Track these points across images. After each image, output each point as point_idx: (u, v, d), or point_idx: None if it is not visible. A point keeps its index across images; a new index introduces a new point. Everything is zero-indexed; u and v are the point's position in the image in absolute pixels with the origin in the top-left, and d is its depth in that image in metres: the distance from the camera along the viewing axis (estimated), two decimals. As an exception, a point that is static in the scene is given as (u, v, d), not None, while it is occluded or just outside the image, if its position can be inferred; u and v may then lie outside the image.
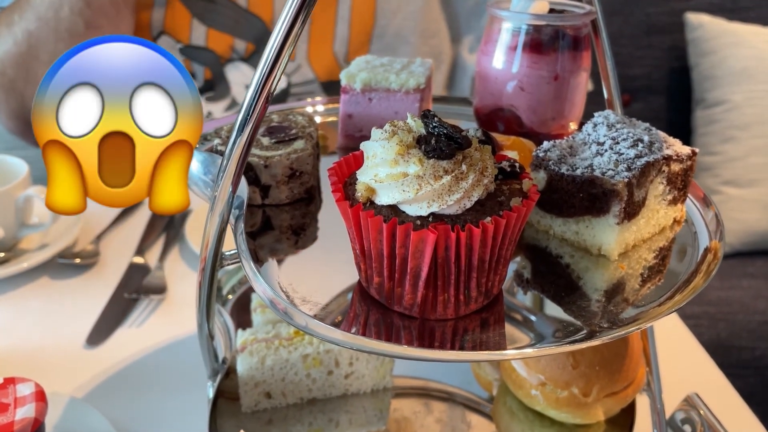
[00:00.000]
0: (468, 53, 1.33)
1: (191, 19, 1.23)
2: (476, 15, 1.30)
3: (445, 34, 1.31)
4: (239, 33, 1.24)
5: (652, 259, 0.53)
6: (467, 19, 1.31)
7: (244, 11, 1.23)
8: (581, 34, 0.64)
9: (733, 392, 0.82)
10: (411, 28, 1.26)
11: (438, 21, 1.29)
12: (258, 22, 1.24)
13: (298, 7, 0.42)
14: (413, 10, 1.25)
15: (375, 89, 0.65)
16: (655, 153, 0.51)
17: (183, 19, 1.23)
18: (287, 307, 0.44)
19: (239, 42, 1.24)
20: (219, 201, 0.47)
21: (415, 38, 1.26)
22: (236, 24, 1.23)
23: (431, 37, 1.28)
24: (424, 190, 0.40)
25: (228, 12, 1.22)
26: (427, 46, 1.28)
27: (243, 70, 1.28)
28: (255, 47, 1.26)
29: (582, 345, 0.45)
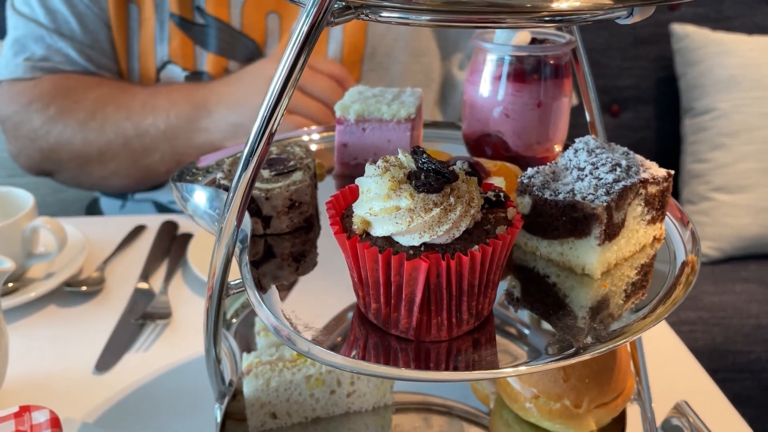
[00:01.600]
0: (458, 71, 1.36)
1: (194, 46, 1.27)
2: (465, 34, 1.33)
3: (435, 52, 1.34)
4: (233, 55, 1.27)
5: (634, 276, 0.56)
6: (456, 38, 1.34)
7: (238, 33, 1.26)
8: (562, 62, 0.67)
9: (722, 398, 0.85)
10: (401, 48, 1.29)
11: (428, 40, 1.32)
12: (250, 44, 1.27)
13: (300, 46, 0.45)
14: (402, 30, 1.29)
15: (368, 120, 0.69)
16: (632, 177, 0.54)
17: (186, 47, 1.26)
18: (291, 334, 0.47)
19: (233, 63, 1.27)
20: (224, 234, 0.50)
21: (405, 57, 1.30)
22: (230, 46, 1.26)
23: (422, 56, 1.32)
24: (416, 222, 0.43)
25: (222, 35, 1.26)
26: (417, 65, 1.31)
27: None
28: None
29: (570, 361, 0.48)
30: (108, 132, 1.17)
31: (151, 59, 1.27)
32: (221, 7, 1.25)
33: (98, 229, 1.15)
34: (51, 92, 1.22)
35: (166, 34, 1.25)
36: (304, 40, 0.44)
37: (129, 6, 1.25)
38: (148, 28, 1.25)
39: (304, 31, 0.43)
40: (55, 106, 1.20)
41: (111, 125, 1.17)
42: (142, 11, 1.25)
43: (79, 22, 1.23)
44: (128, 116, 1.18)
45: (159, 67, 1.27)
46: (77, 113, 1.19)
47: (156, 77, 1.28)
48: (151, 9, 1.24)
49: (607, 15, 0.47)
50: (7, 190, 1.05)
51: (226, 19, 1.25)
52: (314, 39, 0.44)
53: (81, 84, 1.23)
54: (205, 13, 1.25)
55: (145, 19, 1.25)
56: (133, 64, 1.28)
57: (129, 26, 1.26)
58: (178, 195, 0.64)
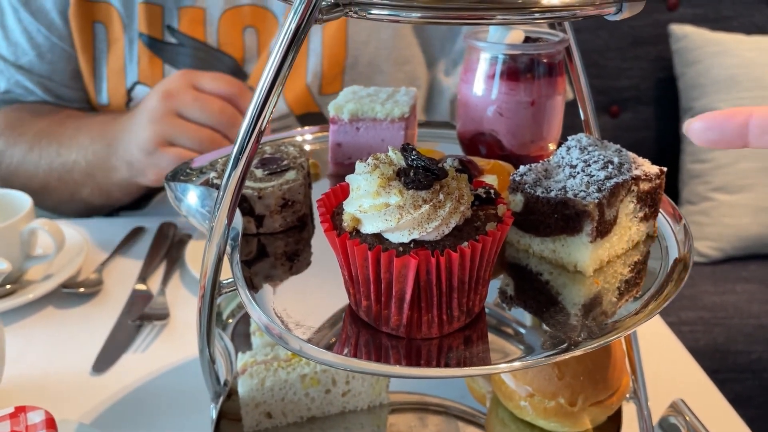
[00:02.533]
0: (444, 76, 1.33)
1: (163, 65, 1.25)
2: (450, 39, 1.31)
3: (420, 59, 1.32)
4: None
5: (627, 273, 0.56)
6: (441, 43, 1.32)
7: (215, 50, 1.24)
8: (555, 61, 0.67)
9: (719, 397, 0.85)
10: (384, 57, 1.27)
11: (412, 47, 1.30)
12: (229, 60, 1.25)
13: (288, 44, 0.45)
14: (385, 38, 1.26)
15: (362, 119, 0.69)
16: (624, 174, 0.54)
17: (156, 67, 1.24)
18: (282, 332, 0.47)
19: None
20: (215, 233, 0.50)
21: (388, 66, 1.27)
22: (207, 65, 1.24)
23: (405, 64, 1.29)
24: (405, 219, 0.43)
25: (198, 54, 1.24)
26: (401, 73, 1.29)
27: None
28: None
29: (563, 356, 0.48)
30: (44, 165, 1.16)
31: (121, 80, 1.25)
32: (196, 25, 1.22)
33: (96, 231, 1.15)
34: (2, 124, 1.23)
35: (135, 54, 1.23)
36: (292, 38, 0.44)
37: (95, 26, 1.23)
38: (117, 48, 1.24)
39: (291, 28, 0.43)
40: (4, 137, 1.21)
41: (45, 159, 1.17)
42: (109, 32, 1.23)
43: (37, 54, 1.23)
44: (58, 151, 1.17)
45: (129, 88, 1.26)
46: (21, 145, 1.19)
47: (127, 98, 1.26)
48: (120, 29, 1.23)
49: (596, 11, 0.47)
50: (4, 192, 1.05)
51: (202, 37, 1.23)
52: (302, 36, 0.44)
53: (29, 115, 1.23)
54: (177, 32, 1.23)
55: (114, 39, 1.24)
56: (101, 86, 1.26)
57: (96, 47, 1.24)
58: (172, 195, 0.64)
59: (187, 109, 1.03)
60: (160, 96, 1.04)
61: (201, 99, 1.02)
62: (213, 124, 1.02)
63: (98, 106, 1.29)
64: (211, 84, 1.04)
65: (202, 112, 1.02)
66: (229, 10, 1.22)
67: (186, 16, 1.22)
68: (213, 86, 1.04)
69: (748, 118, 0.45)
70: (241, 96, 1.04)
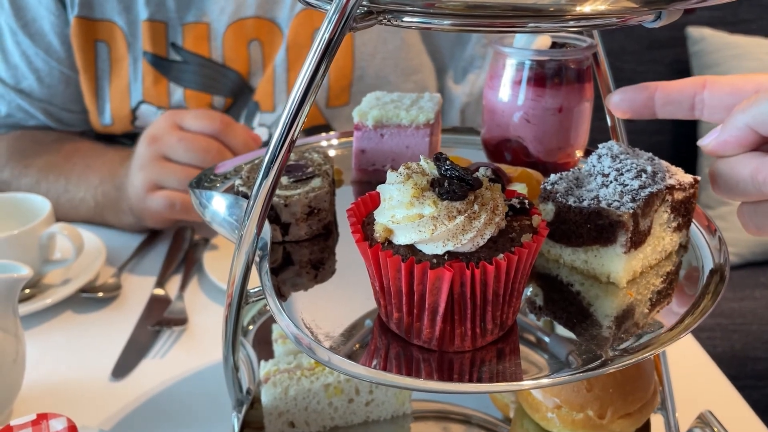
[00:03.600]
0: (453, 84, 1.32)
1: (168, 84, 1.24)
2: (459, 46, 1.30)
3: (429, 68, 1.31)
4: (216, 89, 1.25)
5: (660, 284, 0.55)
6: (450, 51, 1.31)
7: (220, 66, 1.23)
8: (583, 67, 0.66)
9: (746, 407, 0.83)
10: (391, 67, 1.26)
11: (420, 56, 1.29)
12: (234, 75, 1.24)
13: (322, 53, 0.44)
14: (392, 49, 1.25)
15: (386, 125, 0.68)
16: (658, 183, 0.53)
17: (160, 85, 1.24)
18: (311, 343, 0.46)
19: (217, 98, 1.25)
20: (245, 242, 0.50)
21: (396, 77, 1.26)
22: (213, 81, 1.24)
23: (413, 74, 1.28)
24: (439, 230, 0.42)
25: (204, 70, 1.23)
26: (410, 83, 1.28)
27: None
28: (233, 100, 1.27)
29: (596, 373, 0.47)
30: (51, 199, 1.15)
31: (125, 100, 1.25)
32: (201, 41, 1.22)
33: (114, 235, 1.15)
34: (7, 154, 1.23)
35: (139, 73, 1.23)
36: (326, 47, 0.43)
37: (97, 45, 1.23)
38: (121, 67, 1.23)
39: (325, 38, 0.43)
40: (9, 168, 1.21)
41: (52, 193, 1.17)
42: (112, 50, 1.23)
43: (36, 78, 1.23)
44: (66, 187, 1.17)
45: (134, 107, 1.25)
46: (27, 177, 1.19)
47: (132, 117, 1.26)
48: (124, 48, 1.22)
49: (633, 19, 0.46)
50: (24, 196, 1.05)
51: (207, 53, 1.22)
52: (336, 45, 0.43)
53: (33, 146, 1.23)
54: (181, 50, 1.22)
55: (118, 58, 1.23)
56: (104, 106, 1.26)
57: (98, 66, 1.24)
58: (197, 201, 0.64)
59: (172, 151, 1.03)
60: (147, 141, 1.05)
61: (185, 139, 1.02)
62: (199, 163, 1.02)
63: (101, 127, 1.28)
64: (195, 123, 1.04)
65: (186, 153, 1.02)
66: (234, 23, 1.21)
67: (190, 32, 1.21)
68: (196, 125, 1.03)
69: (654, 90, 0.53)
70: (226, 130, 1.03)
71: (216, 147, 1.02)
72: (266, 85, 1.24)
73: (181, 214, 1.07)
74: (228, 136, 1.03)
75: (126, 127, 1.28)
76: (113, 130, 1.28)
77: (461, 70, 1.31)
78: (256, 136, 1.08)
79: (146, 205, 1.07)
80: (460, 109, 1.32)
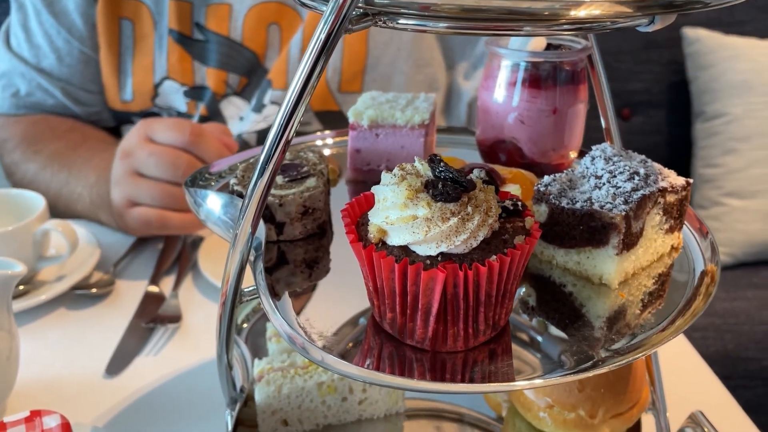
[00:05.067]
0: (463, 80, 1.34)
1: (192, 62, 1.26)
2: (470, 42, 1.32)
3: (440, 62, 1.32)
4: (232, 68, 1.27)
5: (651, 286, 0.55)
6: (461, 47, 1.33)
7: (238, 45, 1.25)
8: (578, 69, 0.67)
9: (736, 408, 0.84)
10: (404, 58, 1.28)
11: (432, 49, 1.31)
12: (250, 55, 1.26)
13: (318, 53, 0.44)
14: (406, 40, 1.27)
15: (381, 125, 0.68)
16: (650, 186, 0.53)
17: (185, 62, 1.26)
18: (305, 343, 0.47)
19: (232, 76, 1.27)
20: (239, 241, 0.50)
21: (408, 67, 1.28)
22: (230, 59, 1.26)
23: (425, 66, 1.30)
24: (433, 231, 0.43)
25: (222, 49, 1.25)
26: (421, 75, 1.29)
27: (236, 103, 1.30)
28: (247, 80, 1.28)
29: (588, 374, 0.47)
30: (53, 188, 1.16)
31: (149, 76, 1.26)
32: (222, 21, 1.24)
33: (108, 232, 1.15)
34: (20, 136, 1.24)
35: (164, 50, 1.25)
36: (322, 48, 0.43)
37: (122, 23, 1.25)
38: (146, 44, 1.25)
39: (321, 38, 0.43)
40: (20, 150, 1.22)
41: (55, 183, 1.17)
42: (137, 27, 1.25)
43: (57, 57, 1.25)
44: (67, 179, 1.17)
45: (157, 83, 1.27)
46: (34, 162, 1.20)
47: (153, 93, 1.28)
48: (150, 25, 1.24)
49: (627, 23, 0.46)
50: (18, 192, 1.05)
51: (226, 32, 1.25)
52: (332, 46, 0.43)
53: (49, 132, 1.24)
54: (204, 29, 1.24)
55: (143, 36, 1.25)
56: (126, 81, 1.27)
57: (122, 43, 1.25)
58: (191, 200, 0.64)
59: (143, 166, 1.02)
60: (120, 156, 1.05)
61: (155, 154, 1.01)
62: (170, 177, 1.01)
63: (120, 104, 1.30)
64: (165, 135, 1.02)
65: (156, 168, 1.01)
66: (256, 6, 1.24)
67: (213, 12, 1.24)
68: (166, 137, 1.02)
69: None
70: (196, 141, 1.01)
71: (186, 160, 1.01)
72: (281, 64, 1.26)
73: (158, 230, 1.07)
74: (199, 147, 1.02)
75: (145, 103, 1.29)
76: (132, 107, 1.29)
77: (471, 66, 1.33)
78: (231, 143, 1.07)
79: (124, 221, 1.08)
80: (468, 103, 1.34)
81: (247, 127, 1.29)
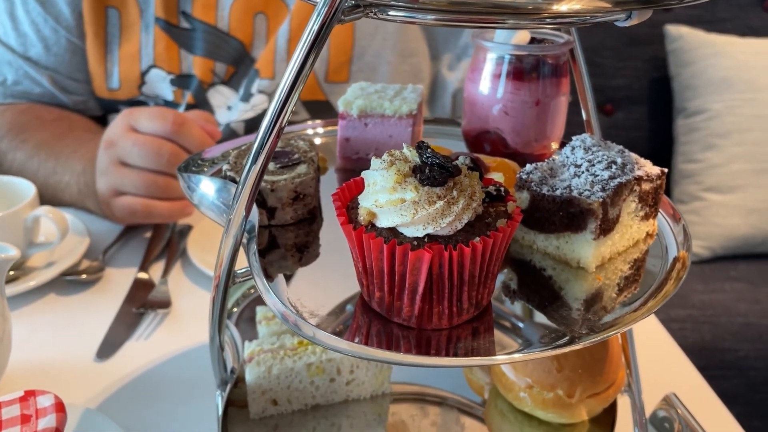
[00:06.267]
0: (447, 70, 1.36)
1: (179, 50, 1.27)
2: (455, 34, 1.34)
3: (425, 52, 1.34)
4: (219, 56, 1.28)
5: (627, 270, 0.58)
6: (446, 38, 1.35)
7: (225, 34, 1.26)
8: (560, 62, 0.69)
9: (709, 392, 0.87)
10: (390, 48, 1.30)
11: (417, 40, 1.33)
12: (237, 44, 1.27)
13: (311, 44, 0.46)
14: (391, 30, 1.29)
15: (370, 115, 0.70)
16: (627, 174, 0.56)
17: (172, 51, 1.26)
18: (297, 320, 0.49)
19: (219, 65, 1.28)
20: (233, 225, 0.52)
21: (393, 58, 1.30)
22: (216, 48, 1.26)
23: (410, 56, 1.32)
24: (420, 214, 0.45)
25: (209, 37, 1.26)
26: (406, 65, 1.31)
27: (224, 93, 1.31)
28: (235, 69, 1.29)
29: (565, 349, 0.50)
30: (41, 177, 1.17)
31: (135, 64, 1.27)
32: (209, 9, 1.25)
33: (98, 220, 1.16)
34: (8, 125, 1.24)
35: (151, 38, 1.25)
36: (314, 39, 0.45)
37: (108, 11, 1.25)
38: (132, 33, 1.26)
39: (314, 30, 0.45)
40: (8, 139, 1.22)
41: (42, 172, 1.18)
42: (124, 16, 1.25)
43: (44, 46, 1.25)
44: (54, 169, 1.17)
45: (144, 71, 1.28)
46: (22, 151, 1.21)
47: (140, 81, 1.29)
48: (136, 14, 1.25)
49: (606, 18, 0.48)
50: (8, 179, 1.06)
51: (213, 21, 1.25)
52: (324, 37, 0.45)
53: (35, 122, 1.25)
54: (191, 18, 1.25)
55: (130, 24, 1.26)
56: (113, 69, 1.28)
57: (108, 31, 1.26)
58: (185, 185, 0.66)
59: (127, 155, 1.03)
60: (104, 146, 1.06)
61: (139, 143, 1.02)
62: (154, 166, 1.02)
63: (107, 92, 1.31)
64: (148, 124, 1.03)
65: (140, 157, 1.02)
66: None
67: (199, 1, 1.25)
68: (149, 126, 1.03)
69: None
70: (180, 131, 1.02)
71: (169, 149, 1.01)
72: (268, 54, 1.27)
73: (144, 219, 1.08)
74: (182, 136, 1.02)
75: (132, 92, 1.29)
76: (119, 95, 1.30)
77: (455, 57, 1.35)
78: (214, 131, 1.07)
79: (111, 211, 1.09)
80: (452, 94, 1.36)
81: (235, 117, 1.30)
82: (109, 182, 1.06)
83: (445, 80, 1.35)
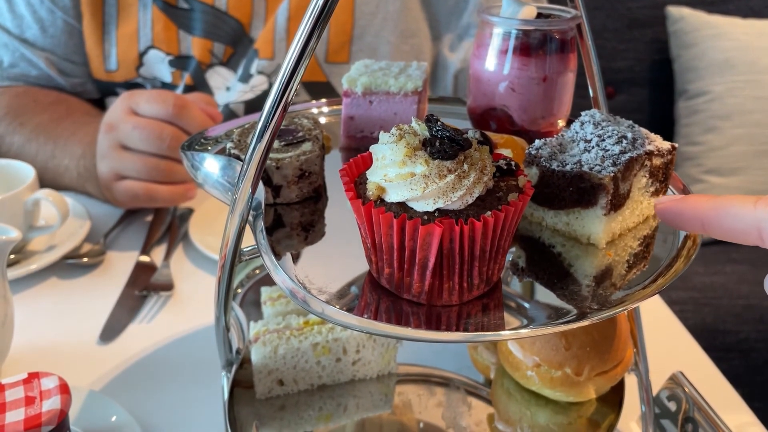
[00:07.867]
0: (449, 51, 1.35)
1: (177, 31, 1.26)
2: (456, 14, 1.33)
3: (426, 33, 1.33)
4: (218, 37, 1.27)
5: (636, 247, 0.57)
6: (447, 18, 1.33)
7: (223, 14, 1.25)
8: (567, 38, 0.68)
9: (715, 371, 0.87)
10: (390, 29, 1.29)
11: (418, 20, 1.32)
12: (236, 24, 1.26)
13: (315, 19, 0.45)
14: (392, 10, 1.28)
15: (375, 92, 0.69)
16: (638, 149, 0.55)
17: (170, 32, 1.25)
18: (306, 296, 0.48)
19: (218, 46, 1.27)
20: (239, 202, 0.51)
21: (394, 38, 1.29)
22: (215, 28, 1.25)
23: (411, 37, 1.31)
24: (431, 188, 0.44)
25: (207, 17, 1.25)
26: (407, 45, 1.30)
27: (223, 74, 1.30)
28: (233, 50, 1.28)
29: (573, 325, 0.49)
30: (39, 161, 1.16)
31: (133, 45, 1.26)
32: None
33: (98, 204, 1.16)
34: (5, 108, 1.23)
35: (149, 19, 1.24)
36: (319, 14, 0.45)
37: None
38: (130, 13, 1.25)
39: (319, 4, 0.44)
40: (5, 122, 1.21)
41: (41, 156, 1.17)
42: None
43: (40, 27, 1.24)
44: (53, 152, 1.16)
45: (142, 51, 1.27)
46: (20, 135, 1.20)
47: (138, 62, 1.28)
48: None
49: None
50: (7, 162, 1.05)
51: (211, 1, 1.24)
52: (329, 12, 0.44)
53: (33, 105, 1.24)
54: None
55: (127, 4, 1.25)
56: (110, 50, 1.27)
57: (105, 12, 1.25)
58: (188, 164, 0.65)
59: (128, 139, 1.02)
60: (104, 129, 1.05)
61: (139, 126, 1.01)
62: (155, 150, 1.02)
63: (104, 74, 1.29)
64: (148, 107, 1.02)
65: (141, 141, 1.01)
66: None
67: None
68: (150, 109, 1.02)
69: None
70: (181, 113, 1.01)
71: (170, 132, 1.01)
72: (267, 34, 1.26)
73: (146, 203, 1.07)
74: (183, 119, 1.01)
75: (130, 73, 1.28)
76: (116, 77, 1.29)
77: (457, 38, 1.34)
78: (215, 113, 1.07)
79: (112, 194, 1.08)
80: (454, 75, 1.35)
81: (234, 97, 1.29)
82: (110, 166, 1.05)
83: (447, 61, 1.34)
